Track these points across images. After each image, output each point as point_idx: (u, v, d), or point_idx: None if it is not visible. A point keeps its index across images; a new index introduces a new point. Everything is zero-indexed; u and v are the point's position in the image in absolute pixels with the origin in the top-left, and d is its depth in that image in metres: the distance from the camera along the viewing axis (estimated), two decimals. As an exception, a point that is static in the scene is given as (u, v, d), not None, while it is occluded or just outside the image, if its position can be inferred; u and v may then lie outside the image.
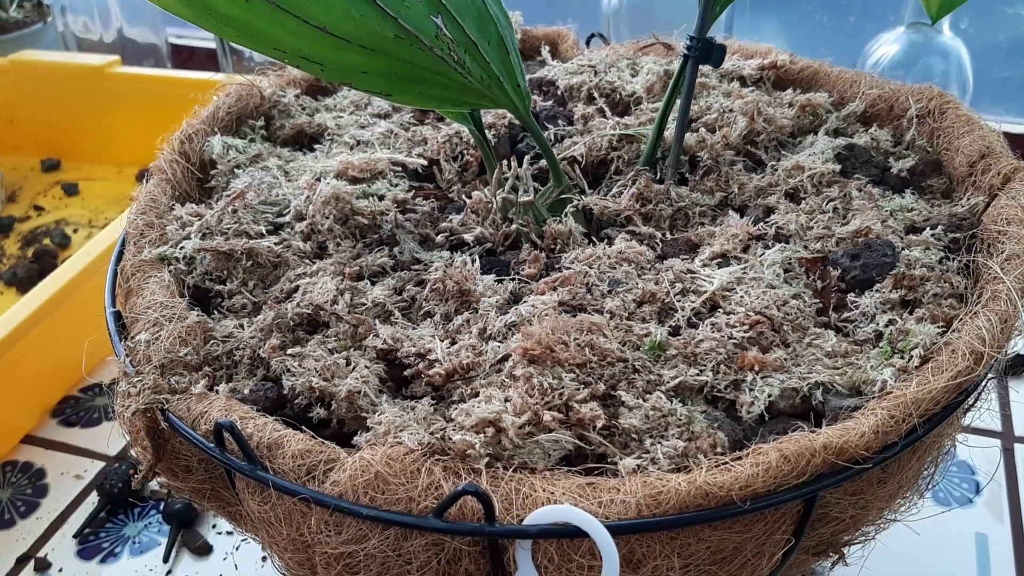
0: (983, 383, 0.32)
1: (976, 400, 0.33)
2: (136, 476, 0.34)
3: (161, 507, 0.53)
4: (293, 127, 0.49)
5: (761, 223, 0.40)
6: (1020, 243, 0.35)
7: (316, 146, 0.48)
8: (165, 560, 0.50)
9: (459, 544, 0.29)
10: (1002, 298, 0.33)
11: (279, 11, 0.34)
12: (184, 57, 1.07)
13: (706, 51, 0.41)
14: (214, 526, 0.53)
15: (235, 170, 0.45)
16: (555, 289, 0.36)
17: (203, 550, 0.51)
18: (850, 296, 0.36)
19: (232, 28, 0.34)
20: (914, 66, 0.66)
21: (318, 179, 0.42)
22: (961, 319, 0.33)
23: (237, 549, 0.52)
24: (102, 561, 0.51)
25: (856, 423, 0.29)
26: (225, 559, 0.51)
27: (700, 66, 0.44)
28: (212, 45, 1.05)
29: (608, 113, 0.48)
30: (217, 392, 0.33)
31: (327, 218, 0.40)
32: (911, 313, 0.34)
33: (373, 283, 0.38)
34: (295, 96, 0.51)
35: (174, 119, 0.47)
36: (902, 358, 0.32)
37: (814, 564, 0.35)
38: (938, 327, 0.33)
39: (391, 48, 0.35)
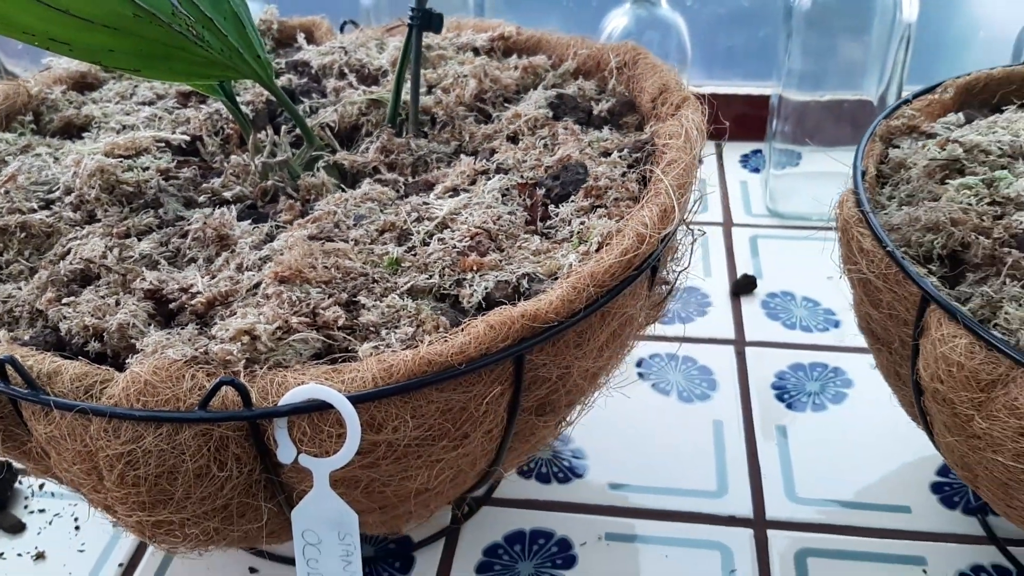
0: (651, 259, 0.40)
1: (653, 272, 0.41)
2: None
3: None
4: (61, 119, 0.52)
5: (486, 161, 0.47)
6: (678, 151, 0.43)
7: (84, 135, 0.51)
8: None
9: (224, 431, 0.34)
10: (662, 193, 0.41)
11: (24, -2, 0.37)
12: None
13: (426, 19, 0.48)
14: (26, 506, 0.55)
15: (6, 160, 0.48)
16: (306, 227, 0.42)
17: (16, 528, 0.53)
18: (552, 208, 0.43)
19: (-20, 16, 0.38)
20: (640, 37, 0.76)
21: (84, 159, 0.46)
22: (632, 214, 0.40)
23: (50, 523, 0.54)
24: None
25: (547, 295, 0.36)
26: (39, 533, 0.53)
27: (435, 40, 0.51)
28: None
29: (356, 85, 0.54)
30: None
31: (93, 188, 0.44)
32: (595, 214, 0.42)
33: (140, 240, 0.42)
34: (62, 92, 0.54)
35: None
36: (585, 246, 0.39)
37: (545, 430, 0.42)
38: (615, 221, 0.41)
39: (133, 27, 0.40)
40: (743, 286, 0.72)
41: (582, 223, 0.41)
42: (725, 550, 0.52)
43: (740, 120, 0.93)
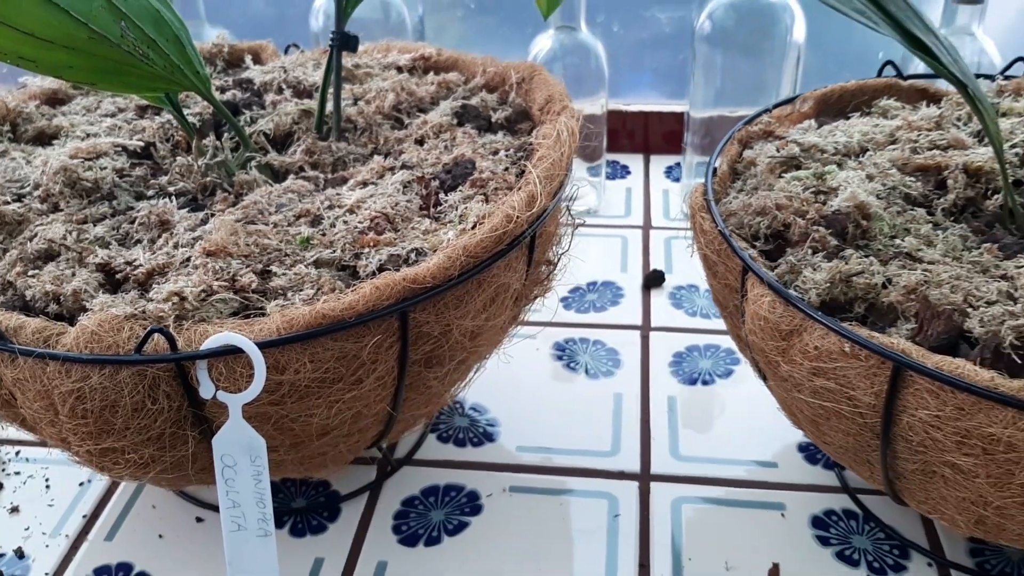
0: (522, 237, 0.48)
1: (531, 250, 0.49)
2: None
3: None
4: (35, 129, 0.60)
5: (394, 160, 0.55)
6: (548, 149, 0.51)
7: (55, 142, 0.59)
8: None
9: (156, 371, 0.42)
10: (531, 183, 0.49)
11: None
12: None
13: (344, 41, 0.57)
14: (3, 470, 0.63)
15: (-15, 163, 0.56)
16: (234, 213, 0.50)
17: (-10, 486, 0.60)
18: (443, 196, 0.51)
19: (-39, 39, 0.46)
20: (563, 59, 0.85)
21: (49, 160, 0.54)
22: (503, 199, 0.49)
23: (24, 484, 0.62)
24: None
25: (426, 262, 0.45)
26: (15, 492, 0.61)
27: (364, 59, 0.59)
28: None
29: (291, 98, 0.62)
30: (-26, 306, 0.45)
31: (58, 184, 0.52)
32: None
33: (96, 226, 0.50)
34: (36, 106, 0.62)
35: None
36: (463, 224, 0.48)
37: (437, 384, 0.50)
38: (490, 205, 0.49)
39: (88, 47, 0.48)
40: (653, 280, 0.80)
41: (465, 208, 0.49)
42: (612, 499, 0.60)
43: (668, 136, 1.02)
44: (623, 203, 0.93)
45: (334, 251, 0.47)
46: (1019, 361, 0.40)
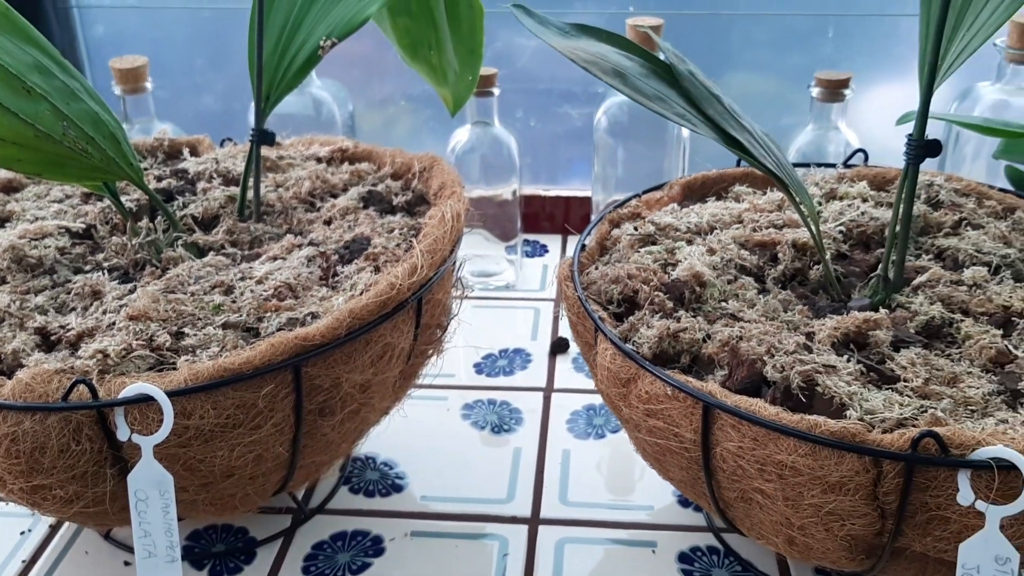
0: (406, 304, 0.56)
1: (418, 313, 0.57)
2: None
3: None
4: (-11, 214, 0.68)
5: (303, 238, 0.63)
6: (433, 228, 0.60)
7: (7, 224, 0.67)
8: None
9: (80, 417, 0.49)
10: (415, 256, 0.57)
11: (-46, 124, 0.54)
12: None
13: (263, 137, 0.65)
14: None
15: (-58, 243, 0.64)
16: (157, 284, 0.58)
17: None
18: (340, 268, 0.59)
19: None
20: (479, 151, 0.94)
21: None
22: (389, 270, 0.57)
23: (-36, 534, 0.67)
24: None
25: (317, 324, 0.52)
26: (-46, 541, 0.67)
27: (288, 152, 0.68)
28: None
29: (220, 186, 0.71)
30: (-76, 364, 0.52)
31: (5, 260, 0.59)
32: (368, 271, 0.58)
33: (37, 296, 0.58)
34: (-9, 194, 0.70)
35: None
36: (352, 292, 0.56)
37: (332, 433, 0.57)
38: (376, 275, 0.57)
39: (34, 143, 0.56)
40: (558, 347, 0.88)
41: (357, 278, 0.58)
42: (504, 541, 0.66)
43: (585, 218, 1.11)
44: (539, 278, 1.02)
45: (240, 315, 0.55)
46: (804, 400, 0.48)
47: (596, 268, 0.62)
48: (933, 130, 0.98)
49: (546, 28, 0.57)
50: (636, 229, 0.64)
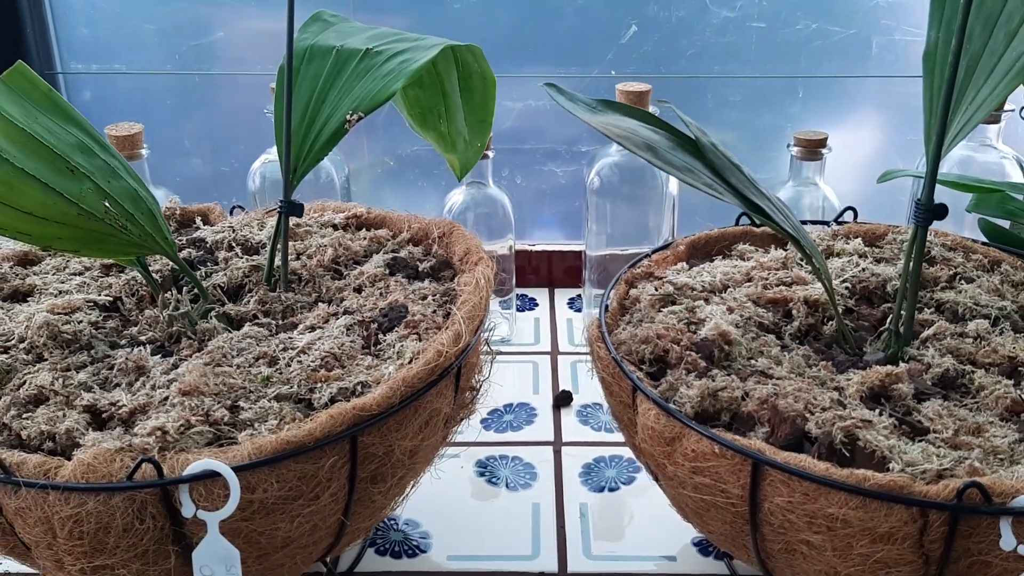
0: (450, 369, 0.57)
1: (457, 379, 0.59)
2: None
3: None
4: (10, 288, 0.68)
5: (337, 307, 0.65)
6: (470, 295, 0.61)
7: (29, 299, 0.67)
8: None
9: (144, 496, 0.49)
10: (456, 323, 0.59)
11: (2, 205, 0.54)
12: None
13: (291, 207, 0.66)
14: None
15: (-33, 320, 0.63)
16: (202, 357, 0.58)
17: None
18: (382, 336, 0.61)
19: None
20: (474, 210, 0.96)
21: (33, 316, 0.61)
22: (434, 338, 0.58)
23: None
24: None
25: (372, 393, 0.53)
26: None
27: (304, 219, 0.69)
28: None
29: (241, 254, 0.72)
30: (-26, 447, 0.51)
31: (41, 337, 0.59)
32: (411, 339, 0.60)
33: (78, 372, 0.58)
34: (10, 267, 0.70)
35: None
36: (401, 360, 0.57)
37: (380, 497, 0.58)
38: (422, 343, 0.58)
39: (76, 222, 0.56)
40: (562, 400, 0.90)
41: (401, 346, 0.59)
42: (534, 597, 0.68)
43: (569, 271, 1.14)
44: (532, 332, 1.04)
45: (291, 387, 0.56)
46: (847, 454, 0.51)
47: (622, 328, 0.65)
48: (906, 185, 1.04)
49: (576, 104, 0.60)
50: (656, 289, 0.67)
